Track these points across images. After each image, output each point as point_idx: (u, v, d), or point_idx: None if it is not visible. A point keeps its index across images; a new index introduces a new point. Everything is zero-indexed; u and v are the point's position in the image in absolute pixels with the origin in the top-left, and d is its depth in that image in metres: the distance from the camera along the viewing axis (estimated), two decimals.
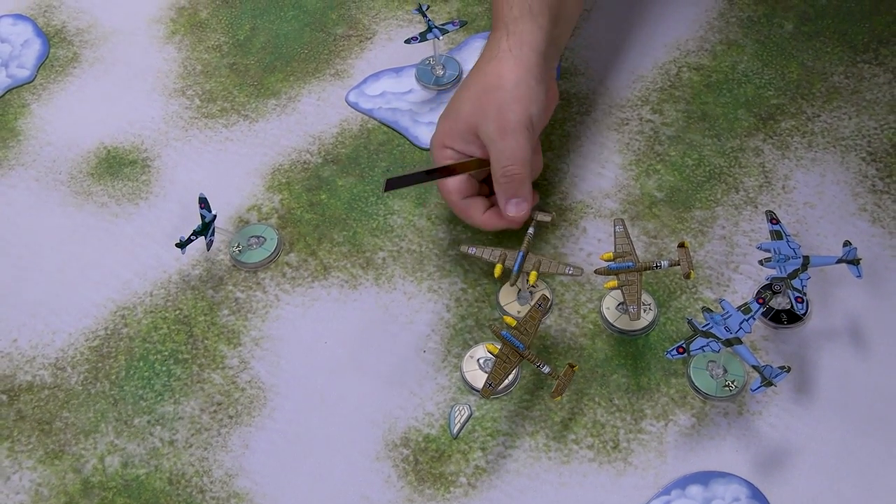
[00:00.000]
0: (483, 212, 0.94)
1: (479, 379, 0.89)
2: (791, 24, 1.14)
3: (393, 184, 0.93)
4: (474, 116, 0.91)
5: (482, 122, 0.90)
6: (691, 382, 0.88)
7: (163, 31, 1.20)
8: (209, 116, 1.11)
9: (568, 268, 0.89)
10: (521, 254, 0.90)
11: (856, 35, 1.12)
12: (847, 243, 0.88)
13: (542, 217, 0.92)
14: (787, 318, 0.91)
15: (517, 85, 0.90)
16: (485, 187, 0.96)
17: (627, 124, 1.06)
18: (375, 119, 1.09)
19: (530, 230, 0.90)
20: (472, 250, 0.91)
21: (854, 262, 0.87)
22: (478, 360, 0.90)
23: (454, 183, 0.93)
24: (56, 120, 1.12)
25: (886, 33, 1.12)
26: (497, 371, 0.84)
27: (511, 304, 0.93)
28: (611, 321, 0.92)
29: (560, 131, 1.06)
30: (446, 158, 0.93)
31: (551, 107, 0.97)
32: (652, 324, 0.92)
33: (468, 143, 0.92)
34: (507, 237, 0.96)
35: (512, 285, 0.90)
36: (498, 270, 0.90)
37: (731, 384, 0.87)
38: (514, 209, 0.91)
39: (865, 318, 0.91)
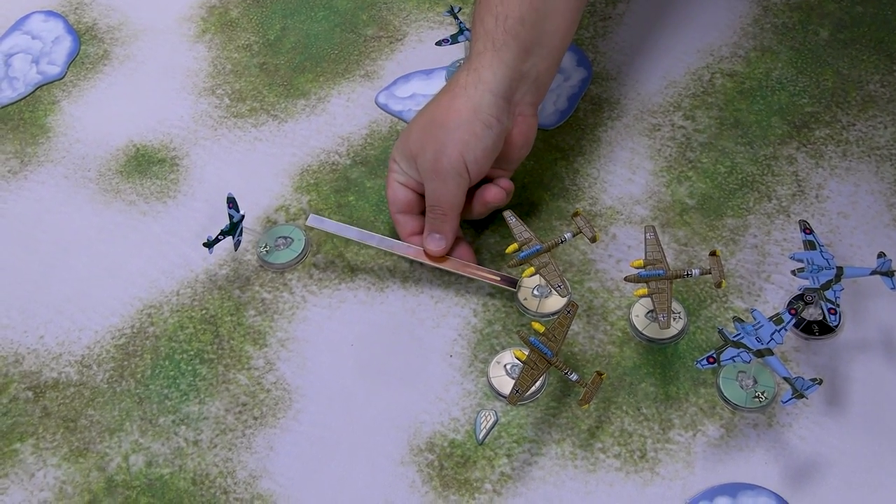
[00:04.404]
0: (411, 232, 0.94)
1: (505, 385, 0.88)
2: (826, 31, 1.12)
3: (317, 222, 0.95)
4: (416, 147, 0.91)
5: (420, 156, 0.90)
6: (720, 393, 0.87)
7: (193, 29, 1.19)
8: (238, 116, 1.10)
9: (559, 285, 0.88)
10: (536, 247, 0.89)
11: (892, 43, 1.10)
12: (881, 254, 0.86)
13: (584, 230, 0.89)
14: (819, 329, 0.90)
15: (459, 126, 0.89)
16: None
17: (659, 130, 1.05)
18: (405, 121, 1.08)
19: (567, 234, 0.89)
20: (511, 219, 0.91)
21: (888, 273, 0.86)
22: (504, 365, 0.89)
23: (397, 193, 0.94)
24: (86, 117, 1.12)
25: None
26: (524, 377, 0.83)
27: (528, 300, 0.93)
28: (640, 329, 0.91)
29: (591, 136, 1.05)
30: (392, 171, 0.94)
31: (521, 146, 0.94)
32: (681, 332, 0.91)
33: (410, 168, 0.92)
34: (552, 231, 0.97)
35: (509, 266, 0.89)
36: (511, 249, 0.89)
37: (761, 395, 0.86)
38: (433, 244, 0.92)
39: None
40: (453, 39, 1.06)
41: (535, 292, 0.93)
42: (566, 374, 0.83)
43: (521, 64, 0.90)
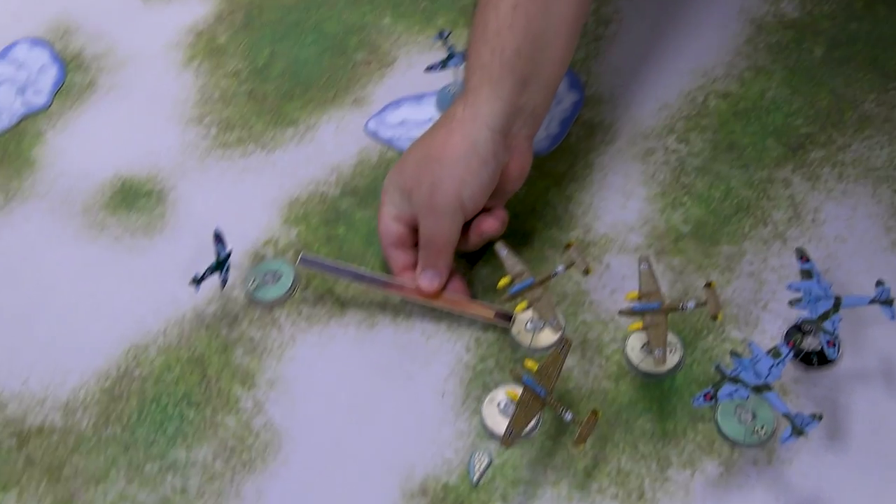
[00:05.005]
0: (403, 267, 0.93)
1: (499, 424, 0.86)
2: (821, 49, 1.10)
3: (309, 262, 0.93)
4: (411, 182, 0.89)
5: (415, 191, 0.89)
6: (719, 428, 0.85)
7: (181, 56, 1.18)
8: (226, 146, 1.09)
9: (552, 320, 0.86)
10: (528, 281, 0.87)
11: (888, 61, 1.09)
12: (880, 282, 0.84)
13: (578, 262, 0.88)
14: (818, 359, 0.88)
15: (456, 163, 0.87)
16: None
17: (653, 154, 1.03)
18: (395, 149, 1.06)
19: (560, 267, 0.87)
20: (503, 251, 0.89)
21: (888, 302, 0.84)
22: (498, 403, 0.87)
23: (389, 226, 0.92)
24: (71, 148, 1.10)
25: None
26: (518, 418, 0.81)
27: (522, 334, 0.91)
28: (635, 363, 0.89)
29: (583, 161, 1.03)
30: (385, 204, 0.92)
31: (516, 179, 0.92)
32: (678, 365, 0.89)
33: (404, 202, 0.90)
34: (544, 262, 0.95)
35: (501, 300, 0.88)
36: (503, 282, 0.88)
37: (760, 430, 0.84)
38: (426, 281, 0.91)
39: None
40: (443, 65, 1.04)
41: (529, 326, 0.92)
42: (561, 413, 0.81)
43: (518, 97, 0.89)
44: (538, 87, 0.90)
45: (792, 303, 0.84)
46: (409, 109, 1.09)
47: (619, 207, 1.00)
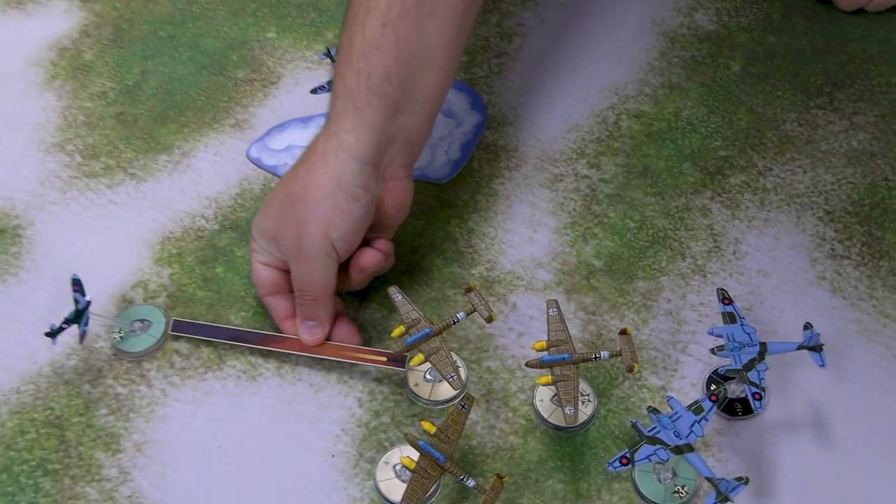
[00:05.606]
0: (285, 315, 0.84)
1: (395, 489, 0.77)
2: (738, 64, 1.04)
3: (181, 328, 0.85)
4: (276, 226, 0.81)
5: (281, 236, 0.80)
6: (636, 488, 0.77)
7: (41, 75, 1.06)
8: (91, 175, 0.98)
9: (451, 376, 0.77)
10: (425, 331, 0.78)
11: (808, 76, 1.02)
12: (808, 326, 0.77)
13: (479, 308, 0.79)
14: (742, 408, 0.81)
15: (321, 202, 0.78)
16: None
17: (562, 181, 0.95)
18: (280, 178, 0.97)
19: (461, 314, 0.79)
20: (397, 296, 0.80)
21: (816, 348, 0.77)
22: (394, 466, 0.78)
23: (261, 274, 0.83)
24: None
25: (840, 74, 1.02)
26: (414, 488, 0.72)
27: (420, 386, 0.82)
28: (545, 416, 0.81)
29: (487, 189, 0.95)
30: (254, 251, 0.83)
31: (395, 213, 0.84)
32: (591, 418, 0.81)
33: (272, 248, 0.82)
34: (445, 302, 0.87)
35: (394, 353, 0.80)
36: (397, 332, 0.79)
37: (681, 490, 0.77)
38: (307, 333, 0.83)
39: (828, 405, 0.82)
40: (330, 86, 0.94)
41: (428, 376, 0.83)
42: (462, 480, 0.72)
43: (389, 125, 0.79)
44: (412, 112, 0.81)
45: (714, 350, 0.77)
46: (296, 133, 1.00)
47: (526, 240, 0.92)
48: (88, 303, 0.82)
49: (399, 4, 0.78)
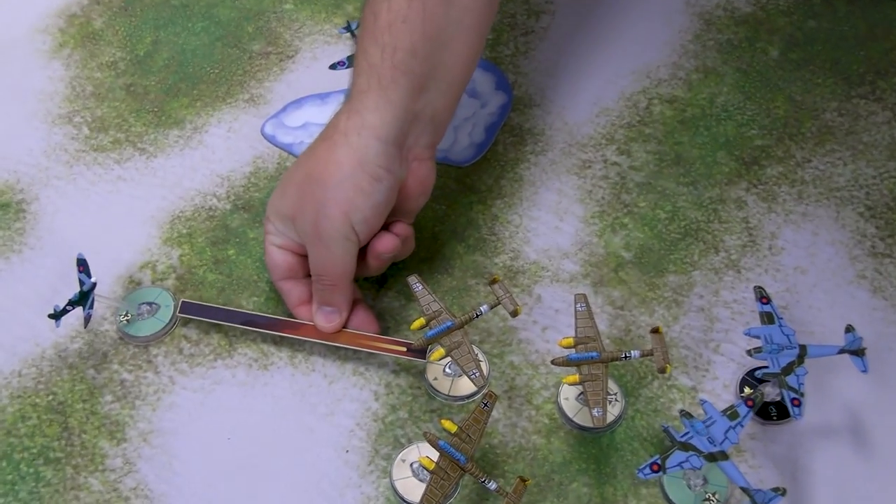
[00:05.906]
0: (299, 301, 0.80)
1: (412, 489, 0.73)
2: (776, 49, 0.99)
3: (189, 309, 0.81)
4: (294, 207, 0.77)
5: (299, 218, 0.76)
6: (665, 494, 0.74)
7: (49, 43, 1.02)
8: (99, 149, 0.94)
9: (473, 373, 0.74)
10: (447, 324, 0.74)
11: (850, 64, 0.98)
12: (850, 328, 0.74)
13: (505, 301, 0.75)
14: (778, 412, 0.77)
15: (341, 183, 0.74)
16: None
17: (590, 167, 0.91)
18: (295, 156, 0.93)
19: (484, 307, 0.75)
20: (417, 286, 0.76)
21: (859, 353, 0.73)
22: (411, 465, 0.75)
23: (276, 258, 0.79)
24: None
25: (883, 62, 0.98)
26: (433, 490, 0.69)
27: (439, 380, 0.79)
28: (570, 415, 0.77)
29: (512, 174, 0.91)
30: (269, 234, 0.80)
31: (417, 196, 0.80)
32: (618, 418, 0.77)
33: (289, 231, 0.78)
34: (466, 292, 0.82)
35: (415, 346, 0.76)
36: (417, 324, 0.75)
37: (712, 496, 0.73)
38: (323, 320, 0.79)
39: (867, 411, 0.78)
40: (350, 62, 0.90)
41: (448, 370, 0.79)
42: (483, 482, 0.69)
43: (414, 103, 0.76)
44: (439, 90, 0.77)
45: (751, 352, 0.73)
46: (313, 110, 0.95)
47: (552, 229, 0.87)
48: (94, 284, 0.78)
49: None
